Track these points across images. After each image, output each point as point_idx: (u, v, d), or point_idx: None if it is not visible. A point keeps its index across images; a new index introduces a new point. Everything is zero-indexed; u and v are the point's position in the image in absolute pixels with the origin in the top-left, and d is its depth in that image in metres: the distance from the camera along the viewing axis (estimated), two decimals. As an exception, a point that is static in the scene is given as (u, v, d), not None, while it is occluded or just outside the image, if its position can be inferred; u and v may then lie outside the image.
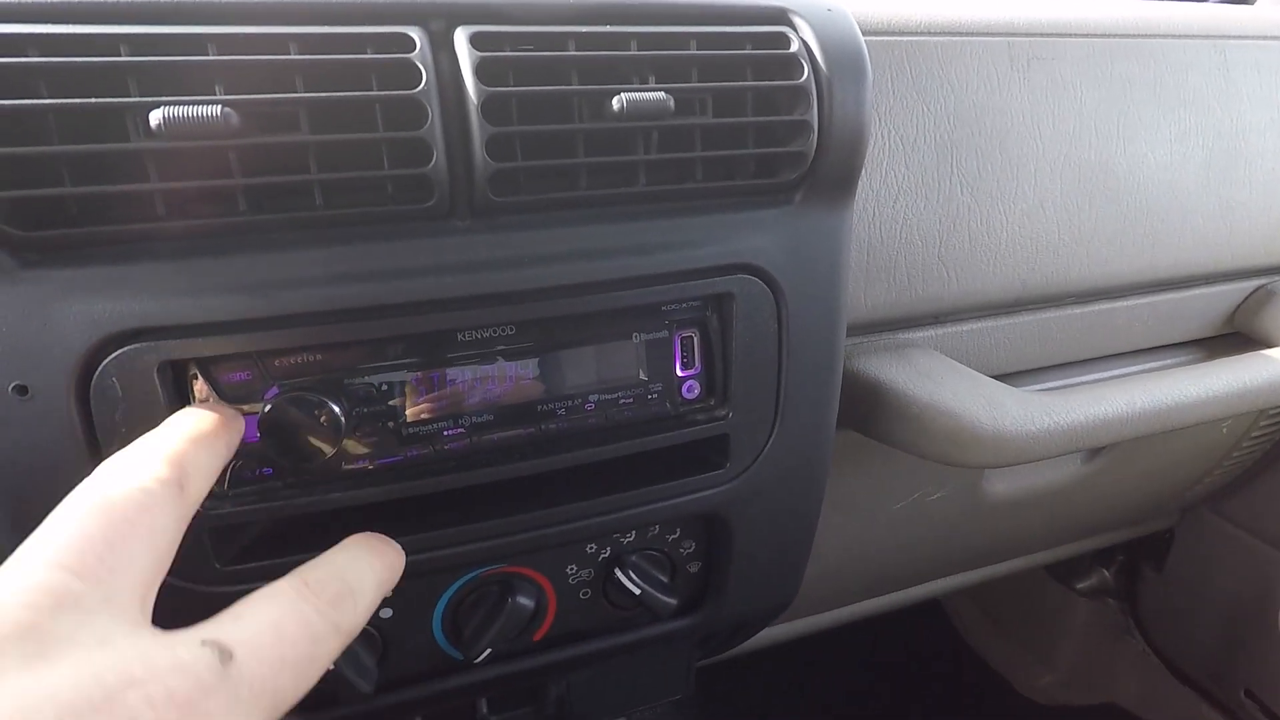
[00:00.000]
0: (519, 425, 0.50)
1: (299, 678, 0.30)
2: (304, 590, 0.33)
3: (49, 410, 0.40)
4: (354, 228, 0.43)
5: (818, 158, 0.50)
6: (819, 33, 0.50)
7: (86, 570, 0.27)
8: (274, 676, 0.29)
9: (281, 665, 0.29)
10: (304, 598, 0.32)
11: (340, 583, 0.34)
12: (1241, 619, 1.28)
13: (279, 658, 0.29)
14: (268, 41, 0.40)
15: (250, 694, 0.27)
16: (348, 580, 0.35)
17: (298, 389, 0.44)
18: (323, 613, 0.32)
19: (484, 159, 0.43)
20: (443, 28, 0.43)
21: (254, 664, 0.28)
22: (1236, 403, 0.77)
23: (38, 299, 0.39)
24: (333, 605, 0.33)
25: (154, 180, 0.38)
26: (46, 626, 0.25)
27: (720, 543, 0.60)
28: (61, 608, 0.25)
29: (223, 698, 0.26)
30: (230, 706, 0.26)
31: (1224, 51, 0.81)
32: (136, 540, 0.29)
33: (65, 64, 0.37)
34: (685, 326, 0.53)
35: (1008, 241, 0.73)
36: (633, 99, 0.45)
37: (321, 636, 0.32)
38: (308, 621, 0.31)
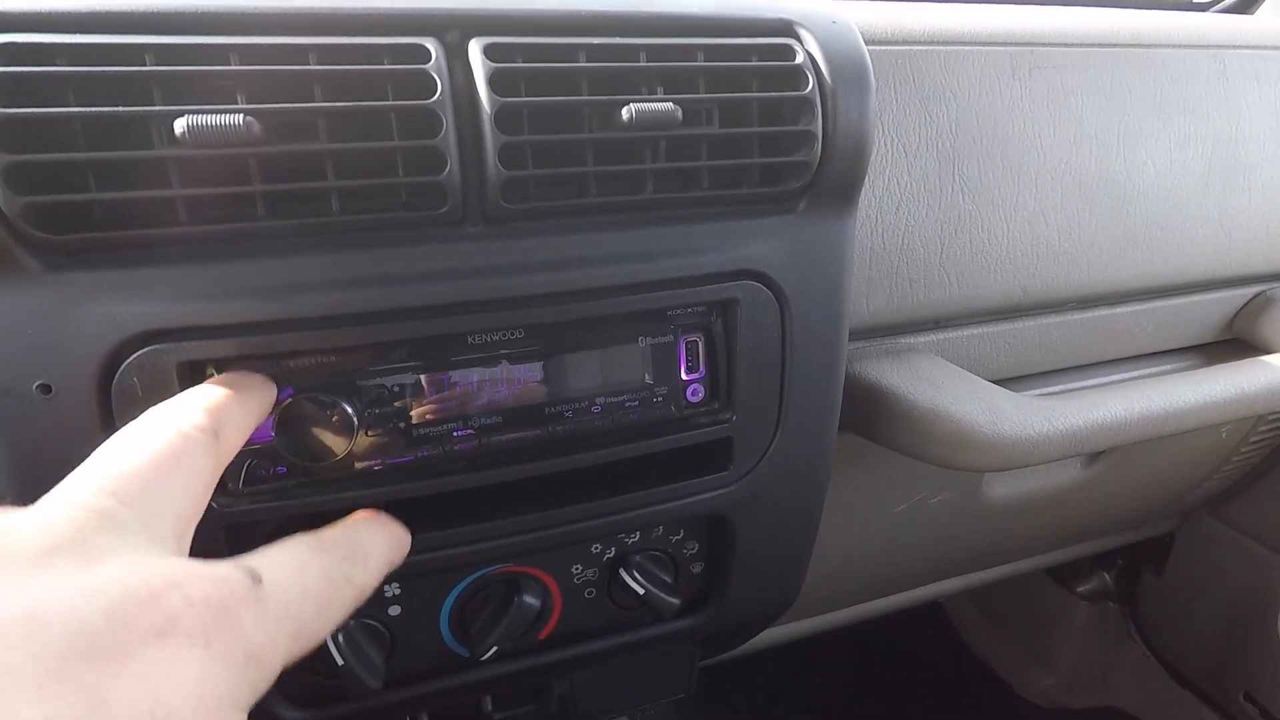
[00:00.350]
0: (527, 427, 0.51)
1: (319, 612, 0.32)
2: (319, 544, 0.35)
3: (71, 409, 0.41)
4: (369, 233, 0.44)
5: (822, 167, 0.51)
6: (824, 44, 0.51)
7: (129, 498, 0.29)
8: (298, 603, 0.31)
9: (304, 596, 0.32)
10: (318, 551, 0.34)
11: (351, 543, 0.36)
12: (1241, 622, 1.29)
13: (302, 588, 0.32)
14: (288, 51, 0.41)
15: (276, 614, 0.30)
16: (358, 543, 0.37)
17: (311, 390, 0.45)
18: (337, 562, 0.35)
19: (496, 167, 0.44)
20: (457, 39, 0.44)
21: (280, 588, 0.30)
22: (1235, 408, 0.78)
23: (62, 301, 0.40)
24: (346, 559, 0.35)
25: (176, 186, 0.39)
26: (94, 539, 0.26)
27: (723, 544, 0.61)
28: (106, 526, 0.27)
29: (253, 609, 0.28)
30: (259, 618, 0.28)
31: (1224, 61, 0.82)
32: (175, 477, 0.31)
33: (92, 73, 0.38)
34: (690, 331, 0.54)
35: (1008, 248, 0.74)
36: (641, 109, 0.46)
37: (337, 581, 0.34)
38: (325, 566, 0.34)
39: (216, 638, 0.26)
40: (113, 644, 0.24)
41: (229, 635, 0.27)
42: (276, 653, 0.29)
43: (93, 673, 0.23)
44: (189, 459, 0.33)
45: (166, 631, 0.25)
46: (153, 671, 0.24)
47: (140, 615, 0.25)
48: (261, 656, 0.28)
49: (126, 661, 0.24)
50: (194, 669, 0.25)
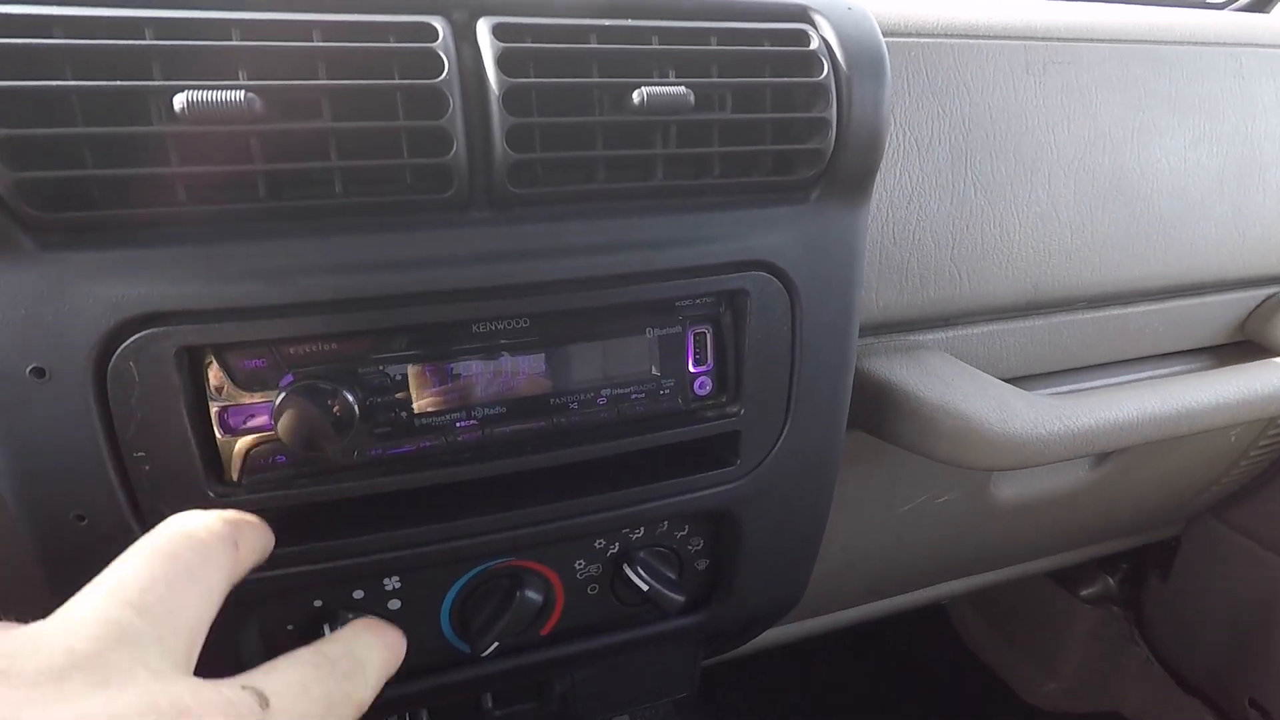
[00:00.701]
0: (531, 418, 0.50)
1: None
2: (322, 662, 0.36)
3: (66, 393, 0.40)
4: (372, 217, 0.43)
5: (835, 155, 0.51)
6: (839, 31, 0.50)
7: (147, 609, 0.30)
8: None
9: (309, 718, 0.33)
10: (322, 668, 0.36)
11: (352, 659, 0.38)
12: (1246, 628, 1.28)
13: (305, 712, 0.33)
14: (291, 28, 0.40)
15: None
16: (358, 657, 0.38)
17: (312, 377, 0.44)
18: (338, 682, 0.36)
19: (504, 149, 0.43)
20: (465, 18, 0.43)
21: (287, 712, 0.31)
22: (1246, 410, 0.77)
23: (57, 281, 0.39)
24: (346, 678, 0.37)
25: (175, 164, 0.38)
26: (110, 658, 0.27)
27: (729, 540, 0.60)
28: (124, 643, 0.28)
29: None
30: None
31: (1240, 59, 0.81)
32: (193, 588, 0.32)
33: (90, 46, 0.37)
34: (698, 322, 0.53)
35: (1020, 245, 0.73)
36: (653, 93, 0.45)
37: (337, 702, 0.35)
38: (326, 683, 0.35)
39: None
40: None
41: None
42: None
43: None
44: (207, 569, 0.34)
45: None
46: None
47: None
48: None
49: None
50: None
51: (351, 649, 0.38)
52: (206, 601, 0.33)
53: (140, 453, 0.42)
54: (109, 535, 0.42)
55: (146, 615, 0.30)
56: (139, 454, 0.42)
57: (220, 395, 0.43)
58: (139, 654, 0.28)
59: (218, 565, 0.34)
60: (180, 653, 0.30)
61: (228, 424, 0.44)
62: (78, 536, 0.42)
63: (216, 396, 0.43)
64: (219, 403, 0.44)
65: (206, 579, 0.33)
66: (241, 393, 0.44)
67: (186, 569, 0.33)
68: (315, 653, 0.36)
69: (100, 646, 0.27)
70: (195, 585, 0.32)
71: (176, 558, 0.33)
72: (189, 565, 0.33)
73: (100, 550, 0.41)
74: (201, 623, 0.32)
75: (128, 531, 0.42)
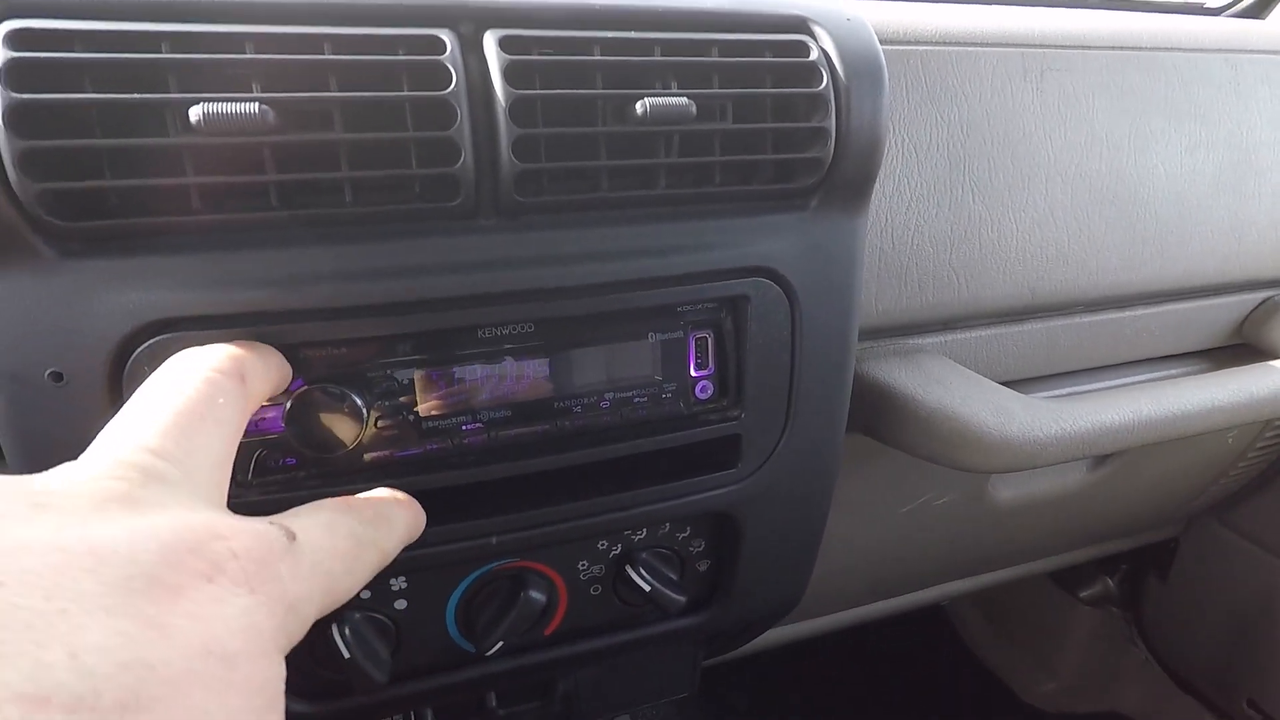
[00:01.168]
0: (535, 421, 0.51)
1: (347, 571, 0.34)
2: (347, 506, 0.37)
3: (83, 397, 0.41)
4: (382, 225, 0.44)
5: (834, 164, 0.51)
6: (838, 41, 0.51)
7: (167, 452, 0.30)
8: (327, 560, 0.33)
9: (334, 553, 0.34)
10: (346, 514, 0.36)
11: (375, 511, 0.38)
12: (1245, 628, 1.29)
13: (331, 546, 0.34)
14: (304, 41, 0.41)
15: (309, 568, 0.32)
16: (381, 510, 0.39)
17: (322, 381, 0.45)
18: (364, 525, 0.37)
19: (510, 159, 0.44)
20: (472, 31, 0.44)
21: (313, 546, 0.32)
22: (1242, 413, 0.78)
23: (75, 288, 0.40)
24: (372, 524, 0.37)
25: (190, 174, 0.39)
26: (139, 494, 0.28)
27: (730, 541, 0.61)
28: (149, 481, 0.29)
29: (289, 563, 0.30)
30: (294, 570, 0.30)
31: (1236, 66, 0.82)
32: (207, 427, 0.33)
33: (108, 60, 0.38)
34: (700, 328, 0.54)
35: (1018, 250, 0.74)
36: (655, 103, 0.46)
37: (364, 542, 0.36)
38: (352, 528, 0.36)
39: (259, 586, 0.28)
40: (169, 581, 0.25)
41: (270, 585, 0.29)
42: (310, 605, 0.31)
43: (153, 605, 0.24)
44: (219, 406, 0.34)
45: (214, 577, 0.27)
46: (203, 610, 0.26)
47: (190, 560, 0.26)
48: (298, 606, 0.30)
49: (180, 599, 0.25)
50: (240, 611, 0.27)
51: (376, 504, 0.39)
52: (223, 438, 0.33)
53: (155, 455, 0.42)
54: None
55: (167, 457, 0.30)
56: (154, 456, 0.42)
57: (232, 399, 0.44)
58: (168, 491, 0.29)
59: (229, 400, 0.35)
60: (209, 488, 0.31)
61: (240, 427, 0.45)
62: (94, 537, 0.43)
63: (229, 400, 0.44)
64: (231, 406, 0.44)
65: (219, 415, 0.33)
66: (253, 396, 0.45)
67: (197, 407, 0.33)
68: (342, 500, 0.38)
69: (128, 486, 0.28)
70: (209, 423, 0.33)
71: (185, 397, 0.33)
72: (199, 404, 0.33)
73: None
74: (223, 459, 0.33)
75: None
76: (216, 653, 0.25)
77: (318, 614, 0.32)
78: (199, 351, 0.37)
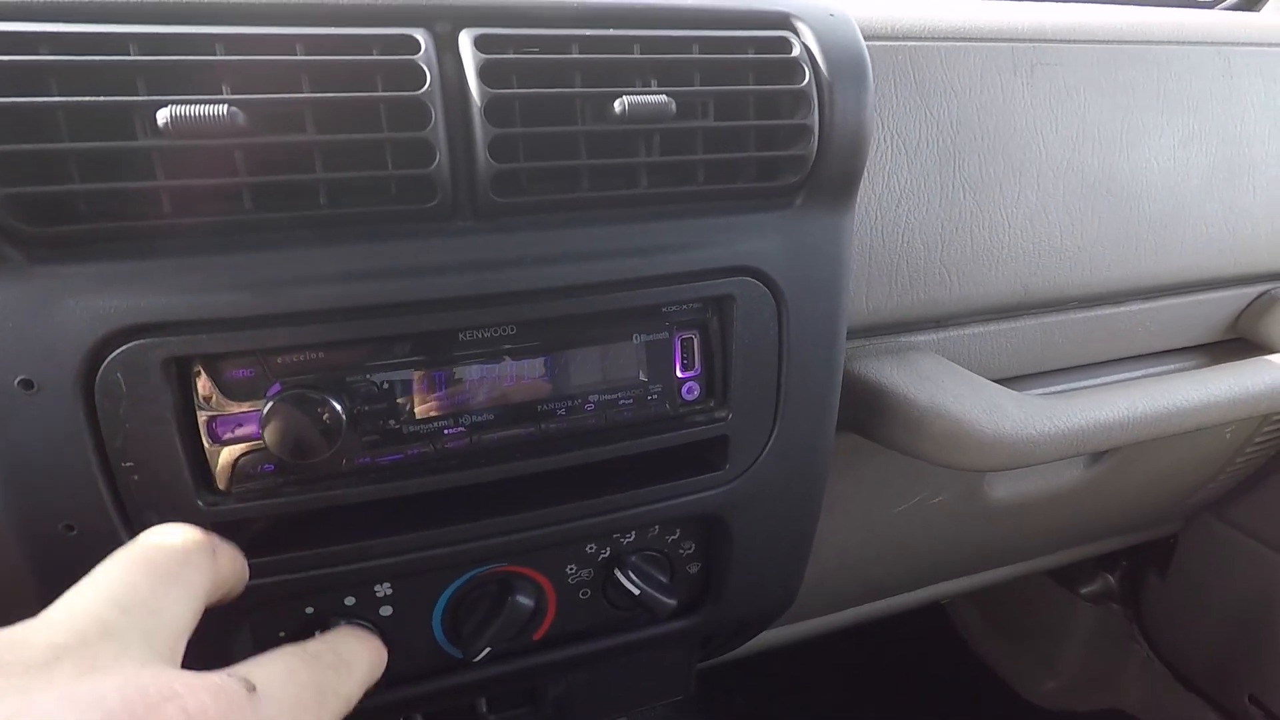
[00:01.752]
0: (519, 425, 0.51)
1: None
2: (306, 656, 0.37)
3: (54, 404, 0.40)
4: (357, 227, 0.43)
5: (818, 161, 0.51)
6: (821, 37, 0.51)
7: (130, 608, 0.30)
8: (290, 710, 0.33)
9: (298, 704, 0.33)
10: (307, 661, 0.36)
11: (336, 655, 0.38)
12: (1245, 625, 1.28)
13: (295, 697, 0.33)
14: (275, 42, 0.40)
15: None
16: (342, 654, 0.39)
17: (300, 386, 0.45)
18: (324, 673, 0.37)
19: (486, 160, 0.43)
20: (448, 30, 0.44)
21: (275, 698, 0.32)
22: (1239, 408, 0.77)
23: (45, 294, 0.39)
24: (333, 670, 0.37)
25: (161, 178, 0.39)
26: (94, 648, 0.28)
27: (719, 544, 0.61)
28: (108, 637, 0.29)
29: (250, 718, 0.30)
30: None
31: (1228, 58, 0.82)
32: (175, 590, 0.33)
33: (75, 63, 0.38)
34: (685, 328, 0.53)
35: (1010, 245, 0.73)
36: (635, 102, 0.45)
37: (326, 691, 0.36)
38: (314, 675, 0.36)
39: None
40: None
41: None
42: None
43: None
44: (187, 572, 0.34)
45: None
46: None
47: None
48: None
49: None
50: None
51: (336, 647, 0.39)
52: (188, 602, 0.33)
53: (129, 463, 0.42)
54: (98, 545, 0.42)
55: (130, 613, 0.30)
56: (128, 464, 0.42)
57: (208, 405, 0.44)
58: (124, 647, 0.29)
59: (197, 568, 0.35)
60: (165, 647, 0.31)
61: (216, 433, 0.44)
62: (67, 546, 0.43)
63: (205, 406, 0.44)
64: (207, 412, 0.44)
65: (186, 580, 0.34)
66: (229, 402, 0.44)
67: (167, 571, 0.33)
68: (300, 648, 0.37)
69: (85, 640, 0.28)
70: (176, 586, 0.33)
71: (156, 562, 0.33)
72: (169, 568, 0.33)
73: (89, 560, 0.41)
74: (184, 622, 0.33)
75: (117, 541, 0.42)
76: None
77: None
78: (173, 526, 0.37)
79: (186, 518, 0.43)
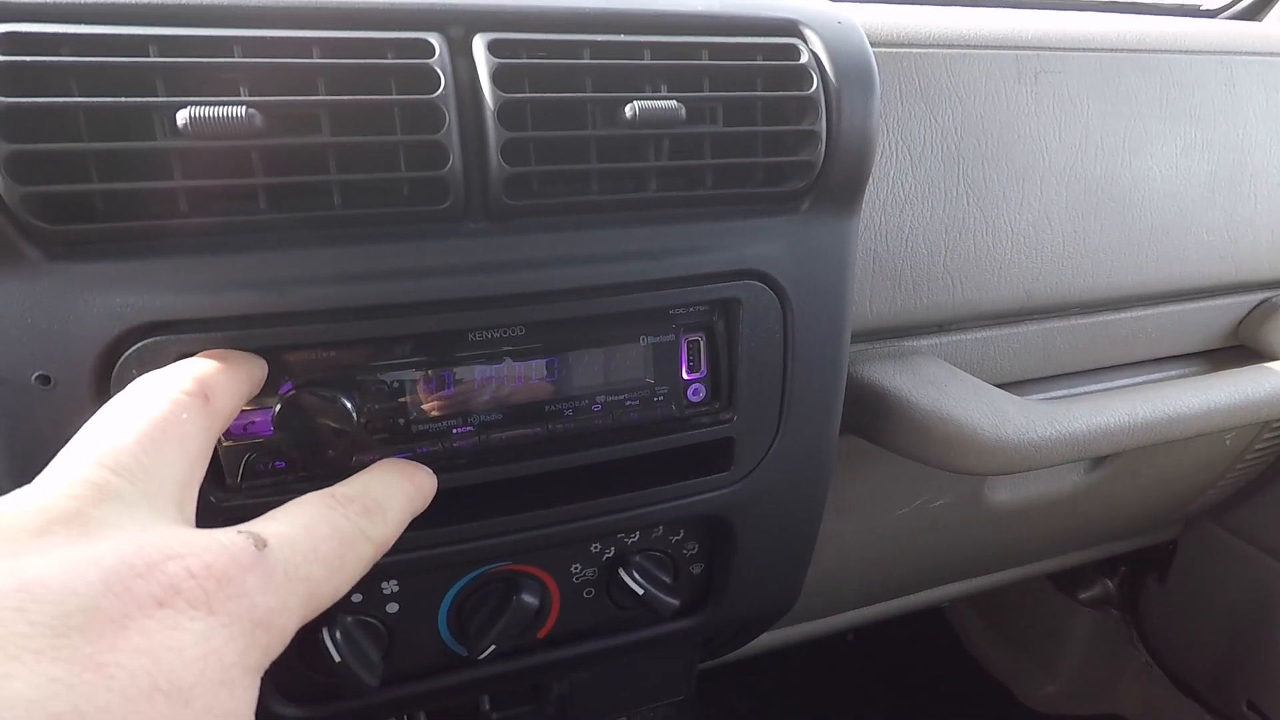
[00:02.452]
0: (526, 425, 0.51)
1: (332, 573, 0.32)
2: (331, 500, 0.35)
3: (70, 400, 0.41)
4: (370, 228, 0.44)
5: (825, 167, 0.51)
6: (829, 45, 0.51)
7: (124, 468, 0.29)
8: (306, 565, 0.31)
9: (314, 556, 0.31)
10: (331, 506, 0.34)
11: (367, 498, 0.36)
12: (1244, 630, 1.29)
13: (311, 549, 0.31)
14: (291, 45, 0.41)
15: (284, 577, 0.29)
16: (375, 496, 0.37)
17: (311, 384, 0.45)
18: (350, 519, 0.34)
19: (499, 163, 0.44)
20: (462, 34, 0.44)
21: (287, 552, 0.30)
22: (1239, 415, 0.77)
23: (62, 291, 0.40)
24: (362, 514, 0.35)
25: (178, 178, 0.39)
26: (91, 513, 0.26)
27: (723, 545, 0.61)
28: (104, 499, 0.27)
29: (258, 574, 0.28)
30: (264, 583, 0.28)
31: (1231, 67, 0.82)
32: (169, 445, 0.31)
33: (96, 63, 0.38)
34: (692, 330, 0.54)
35: (1013, 251, 0.74)
36: (645, 107, 0.46)
37: (351, 539, 0.34)
38: (336, 524, 0.34)
39: (220, 606, 0.26)
40: (110, 614, 0.24)
41: (233, 603, 0.27)
42: (288, 616, 0.29)
43: (90, 644, 0.23)
44: (181, 425, 0.32)
45: (166, 601, 0.25)
46: (151, 641, 0.24)
47: (137, 585, 0.25)
48: (270, 621, 0.28)
49: (124, 631, 0.24)
50: (196, 637, 0.25)
51: (368, 488, 0.37)
52: (187, 456, 0.32)
53: (143, 459, 0.42)
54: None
55: (125, 474, 0.29)
56: (142, 460, 0.42)
57: (221, 402, 0.44)
58: (124, 509, 0.27)
59: (193, 418, 0.33)
60: (169, 508, 0.29)
61: (228, 430, 0.45)
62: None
63: (218, 404, 0.44)
64: (220, 410, 0.44)
65: (182, 432, 0.32)
66: (242, 400, 0.45)
67: (157, 425, 0.31)
68: (325, 494, 0.35)
69: (80, 504, 0.27)
70: (172, 440, 0.31)
71: (144, 417, 0.31)
72: (158, 422, 0.32)
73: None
74: (186, 479, 0.31)
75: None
76: (165, 689, 0.23)
77: (299, 623, 0.30)
78: (162, 372, 0.36)
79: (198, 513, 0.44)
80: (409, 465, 0.41)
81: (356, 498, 0.36)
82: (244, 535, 0.29)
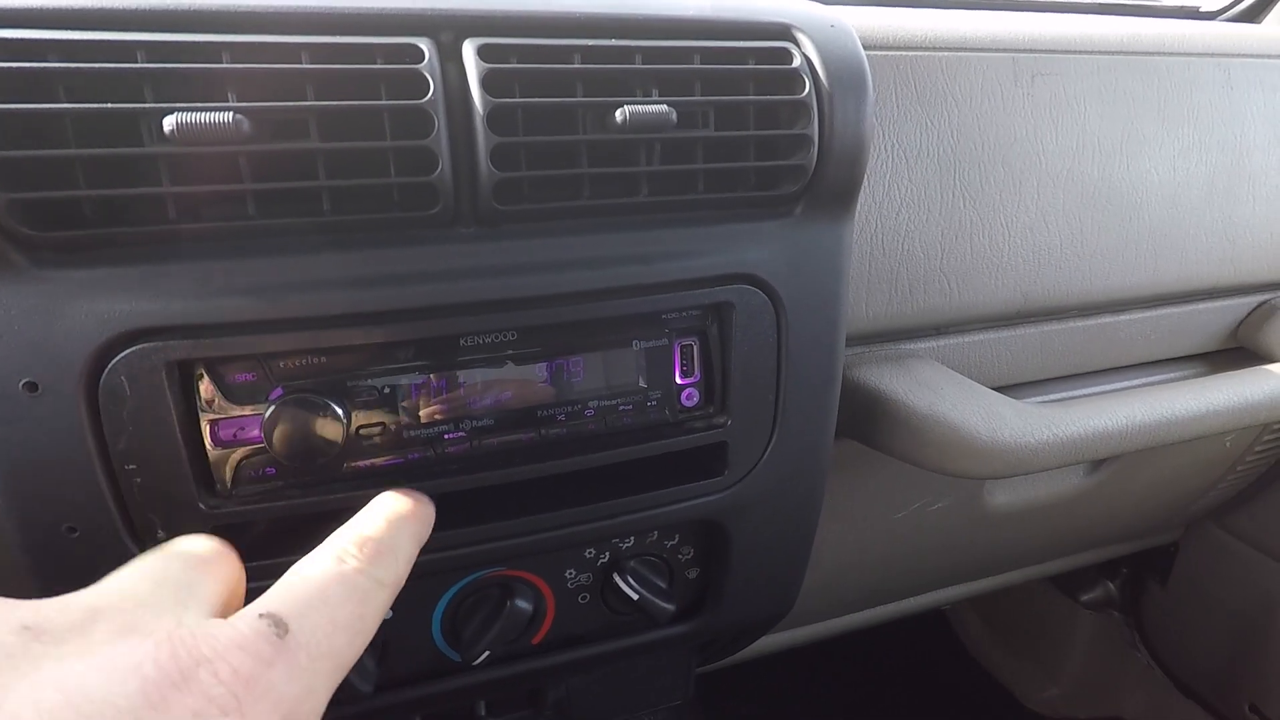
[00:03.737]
0: (519, 430, 0.51)
1: (353, 637, 0.32)
2: (341, 554, 0.34)
3: (58, 407, 0.41)
4: (360, 234, 0.44)
5: (818, 171, 0.51)
6: (821, 48, 0.51)
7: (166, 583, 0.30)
8: (328, 640, 0.31)
9: (334, 628, 0.31)
10: (343, 561, 0.34)
11: (376, 541, 0.36)
12: (1246, 632, 1.28)
13: (330, 621, 0.31)
14: (280, 50, 0.40)
15: (309, 660, 0.30)
16: (383, 537, 0.37)
17: (302, 390, 0.45)
18: (364, 572, 0.34)
19: (489, 168, 0.43)
20: (451, 39, 0.44)
21: (308, 632, 0.30)
22: (1238, 417, 0.77)
23: (50, 298, 0.39)
24: (373, 563, 0.35)
25: (166, 184, 0.39)
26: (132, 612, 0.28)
27: (718, 549, 0.61)
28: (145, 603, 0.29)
29: (283, 668, 0.29)
30: (291, 674, 0.29)
31: (1228, 70, 0.82)
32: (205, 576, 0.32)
33: (83, 69, 0.38)
34: (685, 335, 0.54)
35: (1009, 254, 0.73)
36: (636, 111, 0.45)
37: (367, 594, 0.34)
38: (351, 583, 0.33)
39: (250, 708, 0.27)
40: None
41: (262, 702, 0.27)
42: (315, 697, 0.30)
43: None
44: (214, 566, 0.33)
45: (200, 711, 0.26)
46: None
47: (173, 696, 0.26)
48: (298, 710, 0.29)
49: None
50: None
51: (373, 528, 0.37)
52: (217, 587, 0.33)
53: (132, 465, 0.42)
54: (100, 547, 0.43)
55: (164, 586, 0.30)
56: (130, 466, 0.42)
57: (211, 408, 0.44)
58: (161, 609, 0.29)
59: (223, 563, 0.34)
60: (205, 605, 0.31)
61: (218, 436, 0.45)
62: (69, 548, 0.43)
63: (207, 409, 0.44)
64: (210, 415, 0.44)
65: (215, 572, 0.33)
66: (232, 406, 0.45)
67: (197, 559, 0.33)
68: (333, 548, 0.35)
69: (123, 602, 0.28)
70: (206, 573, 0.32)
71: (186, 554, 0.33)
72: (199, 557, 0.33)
73: (91, 561, 0.42)
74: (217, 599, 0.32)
75: (119, 543, 0.43)
76: None
77: (329, 694, 0.31)
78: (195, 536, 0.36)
79: (188, 519, 0.44)
80: (410, 496, 0.41)
81: (365, 544, 0.35)
82: (265, 621, 0.29)
